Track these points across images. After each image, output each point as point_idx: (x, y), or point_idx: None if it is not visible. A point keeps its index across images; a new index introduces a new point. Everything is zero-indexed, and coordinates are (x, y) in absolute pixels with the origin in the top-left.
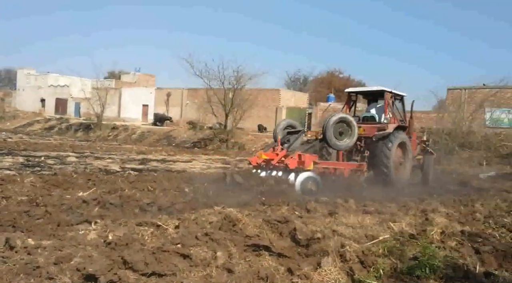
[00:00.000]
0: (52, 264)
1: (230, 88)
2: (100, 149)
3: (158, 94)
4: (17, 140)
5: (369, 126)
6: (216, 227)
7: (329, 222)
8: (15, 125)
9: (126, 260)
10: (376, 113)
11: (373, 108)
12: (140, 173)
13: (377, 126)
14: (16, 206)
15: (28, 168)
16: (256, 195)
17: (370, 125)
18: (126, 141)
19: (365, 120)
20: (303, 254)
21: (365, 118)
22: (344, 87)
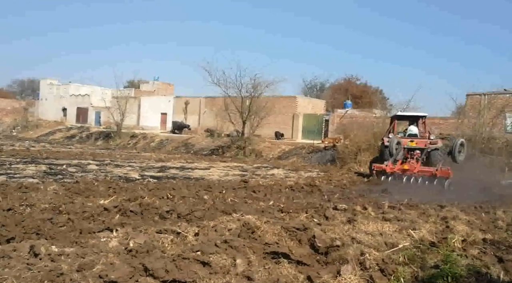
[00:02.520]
0: (75, 271)
1: (247, 96)
2: (120, 157)
3: (177, 102)
4: (39, 149)
5: (419, 140)
6: (235, 234)
7: (348, 230)
8: (38, 134)
9: (147, 267)
10: (416, 131)
11: (413, 126)
12: (159, 180)
13: (427, 140)
14: (39, 214)
15: (51, 176)
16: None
17: (419, 140)
18: (145, 149)
19: (410, 136)
20: (322, 262)
21: (410, 135)
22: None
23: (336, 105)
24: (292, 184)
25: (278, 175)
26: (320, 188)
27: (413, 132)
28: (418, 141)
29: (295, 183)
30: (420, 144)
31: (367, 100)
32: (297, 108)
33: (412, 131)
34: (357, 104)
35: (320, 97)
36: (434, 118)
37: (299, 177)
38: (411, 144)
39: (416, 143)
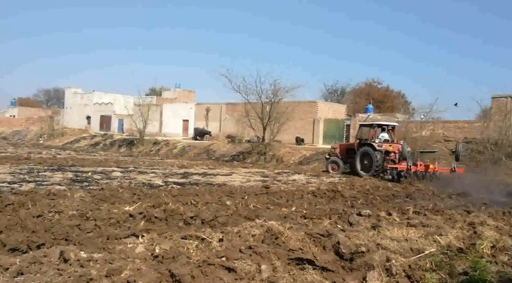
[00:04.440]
0: (104, 276)
1: (268, 102)
2: (143, 164)
3: (198, 109)
4: (65, 156)
5: (395, 145)
6: (259, 240)
7: (372, 236)
8: (63, 142)
9: (174, 273)
10: (387, 137)
11: (384, 133)
12: (182, 187)
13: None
14: (68, 220)
15: (77, 183)
16: None
17: (394, 145)
18: (167, 155)
19: (385, 141)
20: (347, 268)
21: (385, 141)
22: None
23: (357, 110)
24: (314, 189)
25: (300, 180)
26: (343, 193)
27: (386, 138)
28: (394, 146)
29: (317, 189)
30: (394, 148)
31: (389, 104)
32: (318, 113)
33: (385, 137)
34: (379, 108)
35: (341, 101)
36: (458, 121)
37: (321, 183)
38: (389, 148)
39: (392, 147)
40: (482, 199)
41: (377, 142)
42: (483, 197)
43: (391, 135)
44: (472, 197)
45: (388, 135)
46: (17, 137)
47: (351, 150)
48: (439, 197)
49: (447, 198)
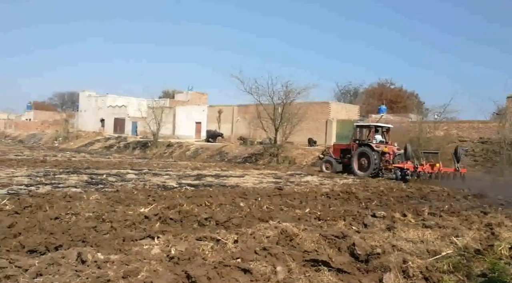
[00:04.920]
0: (121, 278)
1: (280, 103)
2: (157, 166)
3: (210, 111)
4: (80, 159)
5: (389, 146)
6: (273, 241)
7: (387, 237)
8: (78, 145)
9: (190, 274)
10: (383, 138)
11: (378, 135)
12: (196, 188)
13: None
14: (84, 222)
15: (92, 186)
16: None
17: (389, 146)
18: (181, 157)
19: (380, 143)
20: (363, 270)
21: (380, 142)
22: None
23: (370, 110)
24: (328, 191)
25: (313, 182)
26: (357, 195)
27: (381, 139)
28: (389, 147)
29: (331, 190)
30: (389, 149)
31: (403, 105)
32: (330, 114)
33: (380, 139)
34: (392, 109)
35: (353, 102)
36: (473, 121)
37: (334, 184)
38: (385, 149)
39: (387, 148)
40: (499, 200)
41: (374, 143)
42: (499, 198)
43: (385, 136)
44: (489, 198)
45: (381, 136)
46: (33, 140)
47: (344, 150)
48: (454, 198)
49: (463, 199)
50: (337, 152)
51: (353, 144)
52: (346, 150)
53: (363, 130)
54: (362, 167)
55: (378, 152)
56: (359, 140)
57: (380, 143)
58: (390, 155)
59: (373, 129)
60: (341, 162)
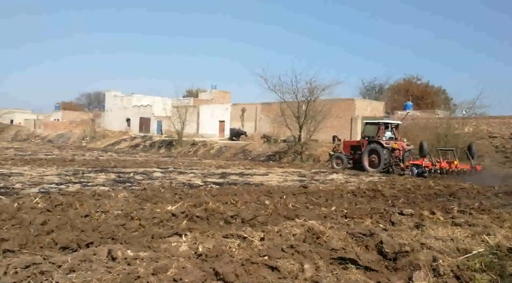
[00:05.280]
0: (151, 274)
1: (304, 100)
2: (182, 164)
3: (234, 110)
4: (107, 158)
5: (399, 143)
6: (300, 239)
7: (416, 235)
8: (104, 144)
9: (218, 271)
10: (392, 134)
11: (388, 131)
12: (221, 186)
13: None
14: (113, 220)
15: (120, 184)
16: None
17: (399, 142)
18: (205, 156)
19: (390, 139)
20: (391, 268)
21: (389, 138)
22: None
23: (396, 107)
24: (354, 189)
25: (338, 180)
26: (383, 193)
27: (390, 136)
28: (398, 143)
29: (357, 188)
30: (399, 145)
31: (429, 101)
32: (355, 111)
33: (389, 135)
34: (418, 105)
35: (379, 99)
36: (504, 117)
37: (360, 182)
38: (394, 145)
39: (397, 145)
40: None
41: (384, 140)
42: None
43: (395, 133)
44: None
45: (391, 133)
46: (61, 140)
47: (354, 147)
48: (484, 196)
49: (493, 197)
50: (347, 149)
51: (363, 141)
52: (356, 147)
53: (372, 127)
54: (373, 163)
55: (388, 148)
56: (369, 137)
57: (389, 140)
58: (400, 151)
59: (383, 126)
60: (352, 158)
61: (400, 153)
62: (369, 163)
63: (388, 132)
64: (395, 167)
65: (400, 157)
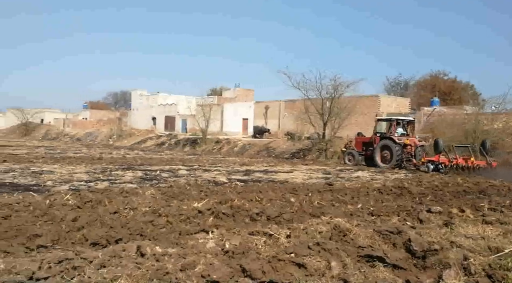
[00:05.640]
0: (179, 270)
1: (328, 97)
2: (207, 162)
3: (257, 107)
4: (134, 156)
5: (411, 139)
6: (326, 237)
7: (445, 233)
8: (131, 142)
9: (245, 268)
10: (404, 131)
11: (400, 128)
12: (245, 184)
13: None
14: (142, 216)
15: (147, 181)
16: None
17: (411, 138)
18: (229, 153)
19: (402, 135)
20: (420, 266)
21: (401, 135)
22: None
23: (422, 103)
24: (380, 186)
25: (364, 177)
26: (410, 190)
27: (402, 132)
28: (410, 139)
29: (383, 186)
30: (411, 141)
31: (457, 97)
32: (380, 108)
33: (401, 131)
34: (445, 101)
35: (404, 95)
36: None
37: (386, 179)
38: (406, 141)
39: (409, 141)
40: None
41: (396, 136)
42: None
43: (407, 129)
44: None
45: (403, 129)
46: (89, 139)
47: (366, 143)
48: None
49: None
50: (359, 145)
51: (375, 137)
52: (368, 143)
53: (384, 124)
54: (385, 159)
55: (400, 144)
56: (381, 133)
57: (401, 136)
58: (411, 147)
59: (395, 122)
60: (364, 155)
61: (412, 149)
62: (381, 159)
63: (399, 128)
64: (407, 163)
65: (412, 153)
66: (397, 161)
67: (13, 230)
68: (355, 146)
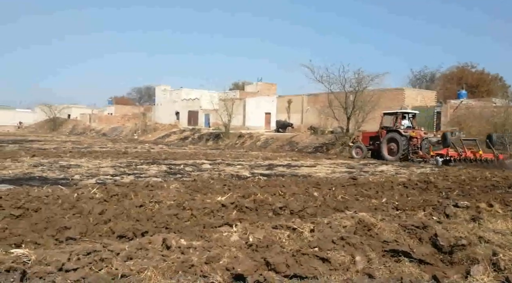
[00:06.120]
0: (204, 263)
1: (351, 91)
2: (230, 156)
3: (280, 101)
4: (158, 150)
5: (417, 131)
6: (350, 231)
7: (473, 228)
8: (155, 137)
9: (269, 261)
10: (409, 124)
11: (405, 120)
12: (268, 178)
13: (421, 132)
14: (167, 210)
15: (171, 175)
16: None
17: (417, 131)
18: (252, 148)
19: (407, 128)
20: (447, 262)
21: (407, 127)
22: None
23: (448, 96)
24: (405, 180)
25: (388, 171)
26: (436, 184)
27: (408, 125)
28: (416, 132)
29: (408, 180)
30: (417, 134)
31: (485, 89)
32: (405, 101)
33: (407, 124)
34: (473, 93)
35: (430, 88)
36: None
37: (411, 174)
38: (412, 134)
39: (415, 133)
40: None
41: (402, 129)
42: None
43: (412, 122)
44: None
45: (408, 122)
46: (114, 133)
47: (373, 137)
48: None
49: None
50: (366, 140)
51: (382, 131)
52: (374, 137)
53: (389, 117)
54: (392, 151)
55: (406, 137)
56: (387, 127)
57: (407, 129)
58: (417, 139)
59: (400, 116)
60: (370, 148)
61: (418, 141)
62: (388, 152)
63: (405, 121)
64: (414, 155)
65: (418, 146)
66: (404, 153)
67: (43, 222)
68: (361, 141)
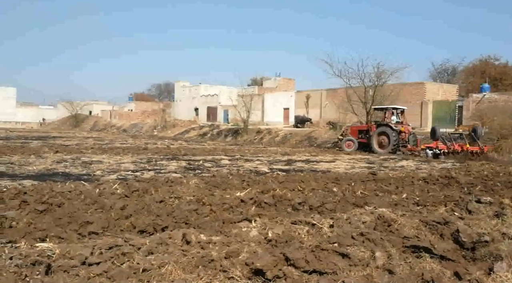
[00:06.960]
0: (223, 258)
1: (371, 85)
2: (249, 152)
3: (298, 97)
4: (178, 146)
5: (405, 126)
6: (370, 227)
7: (496, 224)
8: (174, 133)
9: (288, 257)
10: (398, 119)
11: (394, 116)
12: (287, 173)
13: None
14: (186, 205)
15: (191, 171)
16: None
17: (405, 126)
18: (270, 143)
19: (396, 123)
20: (469, 258)
21: (396, 122)
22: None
23: (470, 90)
24: (425, 176)
25: (408, 166)
26: (458, 180)
27: (397, 120)
28: (404, 127)
29: (429, 175)
30: (405, 129)
31: (509, 82)
32: (426, 95)
33: (396, 119)
34: (496, 87)
35: (451, 81)
36: None
37: (432, 169)
38: (402, 129)
39: (404, 128)
40: None
41: (392, 123)
42: None
43: (400, 117)
44: None
45: (396, 117)
46: (134, 130)
47: (361, 131)
48: None
49: None
50: (354, 133)
51: (372, 125)
52: (362, 131)
53: (379, 113)
54: (382, 145)
55: (396, 131)
56: (377, 121)
57: (396, 124)
58: (405, 134)
59: (390, 111)
60: (359, 141)
61: (406, 135)
62: (378, 145)
63: (393, 116)
64: (403, 148)
65: (406, 139)
66: (394, 146)
67: (67, 217)
68: (350, 134)
